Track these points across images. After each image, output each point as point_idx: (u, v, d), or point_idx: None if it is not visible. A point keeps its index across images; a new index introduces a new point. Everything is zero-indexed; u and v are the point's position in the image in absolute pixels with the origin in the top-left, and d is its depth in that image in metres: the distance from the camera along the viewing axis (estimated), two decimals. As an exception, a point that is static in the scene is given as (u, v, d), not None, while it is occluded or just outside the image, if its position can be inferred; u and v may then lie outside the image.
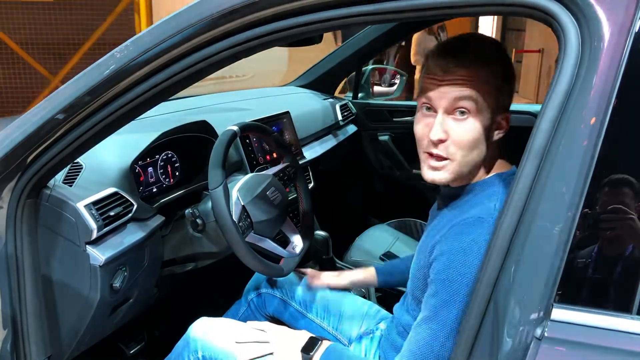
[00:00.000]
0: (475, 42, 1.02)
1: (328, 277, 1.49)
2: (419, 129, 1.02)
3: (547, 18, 0.74)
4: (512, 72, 1.03)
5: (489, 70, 0.97)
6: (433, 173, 1.02)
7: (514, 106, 1.07)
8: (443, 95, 0.97)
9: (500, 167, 1.07)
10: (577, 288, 0.69)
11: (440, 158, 1.00)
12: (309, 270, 1.53)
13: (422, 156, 1.03)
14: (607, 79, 0.68)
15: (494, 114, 0.99)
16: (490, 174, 1.05)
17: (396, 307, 1.28)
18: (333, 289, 1.50)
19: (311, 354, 1.12)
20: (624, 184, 0.67)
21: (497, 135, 1.02)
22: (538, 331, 0.68)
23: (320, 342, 1.16)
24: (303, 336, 1.19)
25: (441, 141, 0.98)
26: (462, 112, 0.97)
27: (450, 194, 1.10)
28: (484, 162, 1.05)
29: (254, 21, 0.91)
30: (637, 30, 0.67)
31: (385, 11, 0.82)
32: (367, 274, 1.50)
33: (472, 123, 0.97)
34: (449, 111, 0.98)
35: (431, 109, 1.00)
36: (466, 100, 0.96)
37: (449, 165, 1.00)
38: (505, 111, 1.02)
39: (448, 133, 0.98)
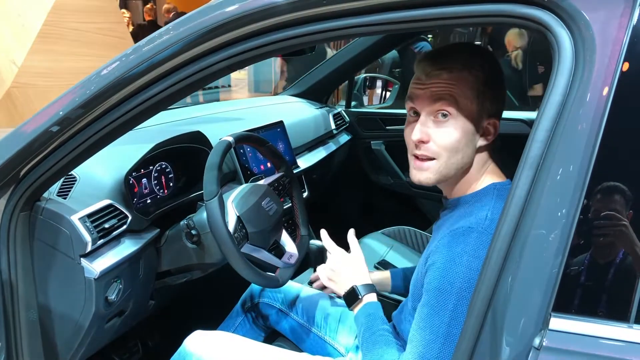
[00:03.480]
0: (459, 48, 1.06)
1: None
2: (407, 133, 1.06)
3: (540, 29, 0.75)
4: (498, 79, 1.04)
5: (471, 75, 0.99)
6: (418, 174, 1.05)
7: (505, 113, 1.08)
8: (425, 98, 1.01)
9: (495, 176, 1.07)
10: (575, 297, 0.69)
11: (424, 158, 1.03)
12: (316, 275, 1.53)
13: (410, 159, 1.07)
14: (602, 88, 0.68)
15: (477, 119, 1.01)
16: (485, 185, 1.06)
17: (394, 315, 1.28)
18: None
19: (351, 308, 1.19)
20: (619, 192, 0.68)
21: (482, 141, 1.03)
22: (536, 341, 0.68)
23: (360, 299, 1.18)
24: (351, 282, 1.22)
25: (422, 142, 1.01)
26: (444, 115, 1.00)
27: (448, 206, 1.11)
28: (474, 170, 1.06)
29: (250, 32, 0.91)
30: (630, 40, 0.68)
31: (382, 22, 0.82)
32: (382, 277, 1.50)
33: (454, 126, 1.00)
34: (431, 113, 1.01)
35: (416, 113, 1.04)
36: (447, 102, 0.99)
37: (433, 165, 1.03)
38: (491, 117, 1.03)
39: (430, 135, 1.01)
